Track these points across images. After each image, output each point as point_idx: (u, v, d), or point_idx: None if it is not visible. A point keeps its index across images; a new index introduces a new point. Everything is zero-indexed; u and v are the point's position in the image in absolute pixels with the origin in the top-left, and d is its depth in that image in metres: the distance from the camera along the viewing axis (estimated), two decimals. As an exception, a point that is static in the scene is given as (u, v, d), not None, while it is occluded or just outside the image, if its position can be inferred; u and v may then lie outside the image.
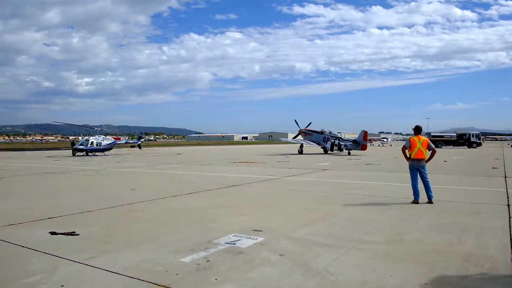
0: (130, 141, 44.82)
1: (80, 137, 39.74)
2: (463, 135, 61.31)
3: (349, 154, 33.75)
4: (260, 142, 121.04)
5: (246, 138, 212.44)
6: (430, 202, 8.69)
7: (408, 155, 9.13)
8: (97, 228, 6.53)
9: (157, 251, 5.12)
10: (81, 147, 33.47)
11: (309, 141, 37.23)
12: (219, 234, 5.98)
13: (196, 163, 24.44)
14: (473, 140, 59.78)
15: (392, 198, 9.51)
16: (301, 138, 38.27)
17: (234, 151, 44.56)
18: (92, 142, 33.99)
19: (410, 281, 4.08)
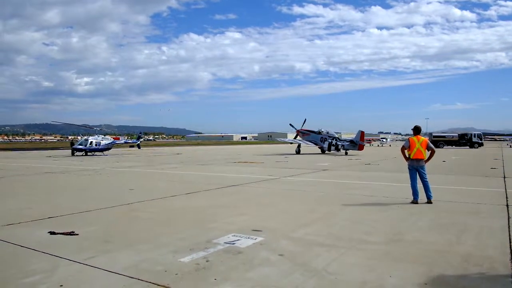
0: (129, 141, 44.82)
1: (79, 137, 39.69)
2: (464, 135, 61.07)
3: (346, 154, 33.84)
4: (260, 142, 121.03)
5: (246, 138, 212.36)
6: (429, 202, 8.70)
7: (407, 155, 9.13)
8: (96, 228, 6.52)
9: (156, 251, 5.12)
10: (80, 147, 33.45)
11: (307, 141, 37.31)
12: (218, 234, 5.98)
13: (196, 163, 24.44)
14: (475, 140, 59.44)
15: (392, 198, 9.51)
16: (300, 138, 38.31)
17: (234, 151, 44.56)
18: (91, 142, 33.98)
19: (410, 281, 4.08)
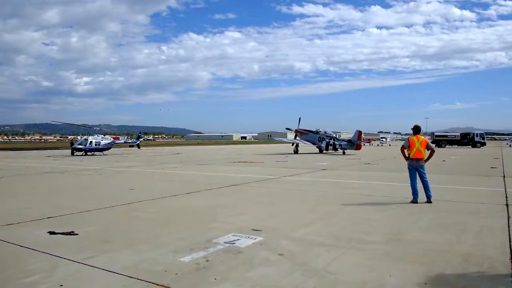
0: (129, 141, 44.81)
1: (79, 137, 39.69)
2: (467, 135, 60.73)
3: (344, 154, 34.01)
4: (259, 142, 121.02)
5: (245, 137, 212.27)
6: (429, 201, 8.71)
7: (407, 155, 9.13)
8: (96, 227, 6.52)
9: (156, 251, 5.12)
10: (80, 146, 33.44)
11: (305, 140, 37.47)
12: (218, 233, 5.98)
13: (195, 162, 24.43)
14: (477, 139, 58.98)
15: (391, 198, 9.51)
16: (298, 138, 38.42)
17: (233, 151, 44.55)
18: (91, 141, 33.98)
19: (410, 280, 4.08)
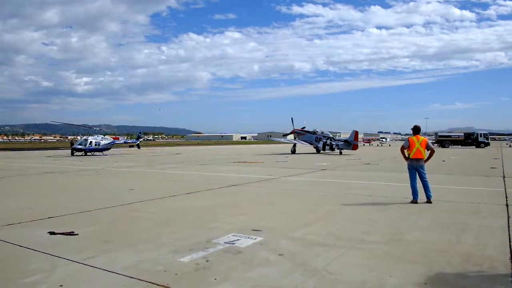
0: (129, 141, 44.82)
1: (78, 137, 39.69)
2: (471, 135, 60.48)
3: (341, 154, 34.22)
4: (259, 142, 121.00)
5: (245, 138, 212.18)
6: (429, 201, 8.71)
7: (407, 155, 9.13)
8: (96, 228, 6.52)
9: (156, 251, 5.12)
10: (80, 147, 33.43)
11: (302, 141, 37.72)
12: (218, 233, 5.98)
13: (195, 162, 24.43)
14: (481, 140, 58.71)
15: (391, 198, 9.51)
16: (293, 138, 38.60)
17: (233, 151, 44.55)
18: (91, 142, 33.96)
19: (410, 280, 4.08)
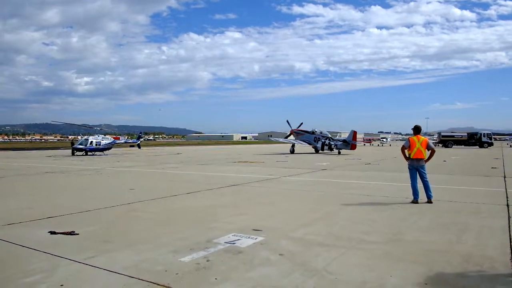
0: (130, 141, 44.81)
1: (79, 137, 39.71)
2: (474, 135, 60.20)
3: (339, 154, 34.35)
4: (260, 142, 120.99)
5: (246, 138, 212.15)
6: (429, 202, 8.70)
7: (408, 155, 9.13)
8: (96, 227, 6.52)
9: (156, 251, 5.12)
10: (80, 146, 33.44)
11: (301, 141, 37.79)
12: (218, 233, 5.98)
13: (196, 162, 24.43)
14: (484, 140, 58.35)
15: (392, 198, 9.51)
16: (293, 138, 38.65)
17: (234, 151, 44.54)
18: (92, 141, 33.97)
19: (410, 280, 4.08)
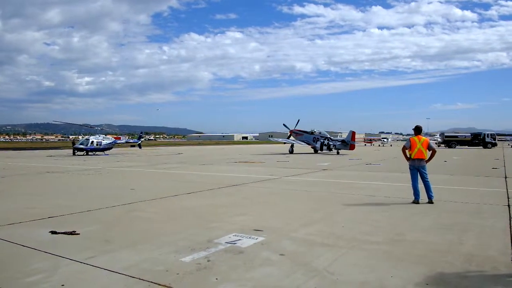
0: (131, 141, 44.85)
1: (80, 137, 39.78)
2: (478, 135, 60.12)
3: (338, 154, 34.56)
4: (260, 142, 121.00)
5: (247, 138, 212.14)
6: (430, 202, 8.69)
7: (408, 155, 9.13)
8: (97, 227, 6.52)
9: (157, 251, 5.12)
10: (81, 146, 33.50)
11: (300, 141, 38.00)
12: (219, 233, 5.98)
13: (197, 162, 24.44)
14: (488, 140, 58.21)
15: (393, 198, 9.51)
16: (293, 139, 38.78)
17: (234, 151, 44.56)
18: (93, 141, 34.03)
19: (411, 281, 4.07)
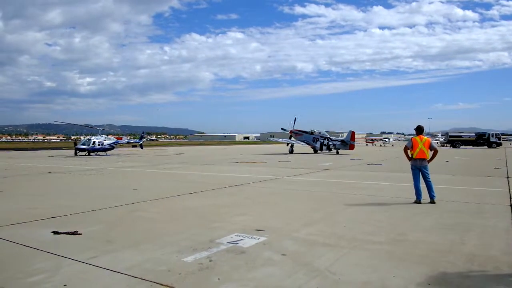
0: (132, 141, 44.95)
1: (82, 137, 39.86)
2: (482, 135, 60.07)
3: (337, 153, 34.74)
4: (262, 142, 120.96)
5: (248, 138, 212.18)
6: (432, 202, 8.69)
7: (410, 155, 9.12)
8: (99, 227, 6.54)
9: (159, 251, 5.13)
10: (83, 147, 33.56)
11: (299, 141, 38.13)
12: (221, 233, 5.98)
13: (198, 163, 24.45)
14: (493, 140, 58.21)
15: (395, 198, 9.50)
16: (293, 139, 38.93)
17: (236, 151, 44.58)
18: (94, 141, 34.09)
19: (413, 281, 4.07)
